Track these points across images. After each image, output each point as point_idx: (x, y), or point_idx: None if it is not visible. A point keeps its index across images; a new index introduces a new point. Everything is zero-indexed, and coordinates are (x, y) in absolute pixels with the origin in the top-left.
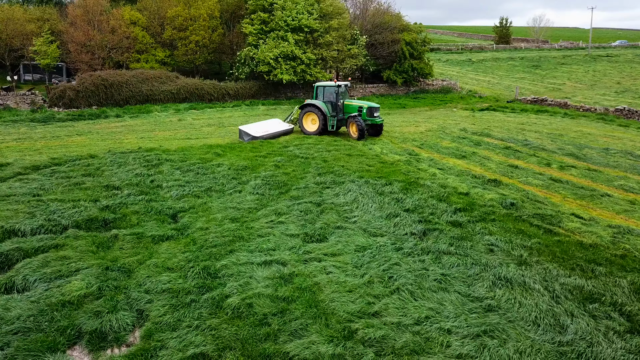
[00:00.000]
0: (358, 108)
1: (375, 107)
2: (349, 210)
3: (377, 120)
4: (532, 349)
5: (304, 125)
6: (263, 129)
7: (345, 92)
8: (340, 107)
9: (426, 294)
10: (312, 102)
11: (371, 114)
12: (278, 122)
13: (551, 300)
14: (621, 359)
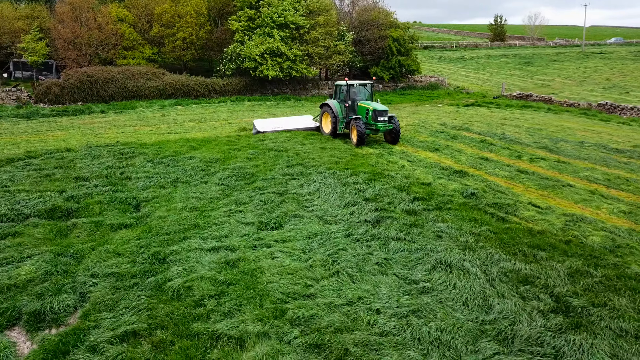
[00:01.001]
0: (365, 110)
1: (381, 109)
2: (309, 200)
3: (380, 125)
4: (454, 327)
5: (323, 125)
6: (275, 125)
7: (364, 92)
8: (354, 108)
9: (365, 277)
10: (329, 101)
11: (375, 117)
12: (304, 119)
13: (486, 283)
14: (536, 335)
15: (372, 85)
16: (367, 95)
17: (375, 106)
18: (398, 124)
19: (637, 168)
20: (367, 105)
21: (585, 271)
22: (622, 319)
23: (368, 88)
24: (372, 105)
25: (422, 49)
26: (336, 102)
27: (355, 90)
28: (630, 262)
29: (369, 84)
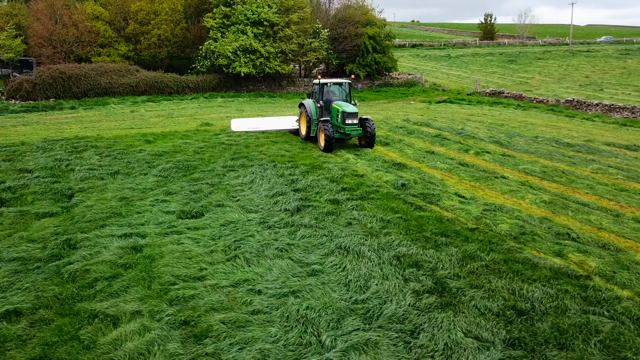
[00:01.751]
0: (336, 111)
1: (349, 111)
2: (239, 190)
3: (348, 129)
4: (325, 306)
5: (301, 126)
6: (253, 125)
7: (340, 91)
8: (330, 109)
9: (261, 261)
10: (305, 101)
11: (344, 120)
12: (286, 120)
13: (375, 266)
14: (402, 313)
15: (349, 85)
16: (344, 95)
17: (345, 108)
18: (373, 127)
19: (580, 161)
20: (337, 107)
21: (476, 255)
22: (492, 299)
23: (345, 87)
24: (342, 106)
25: (410, 47)
26: (312, 102)
27: (329, 89)
28: (525, 248)
29: (346, 82)
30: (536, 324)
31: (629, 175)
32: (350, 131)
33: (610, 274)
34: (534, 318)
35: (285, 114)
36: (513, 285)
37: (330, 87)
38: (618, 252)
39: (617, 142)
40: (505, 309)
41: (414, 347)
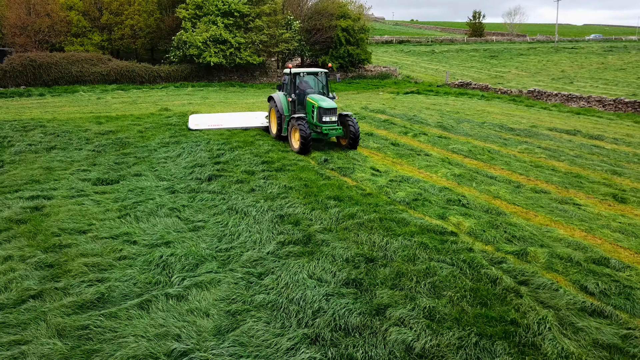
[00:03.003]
0: (312, 106)
1: (327, 107)
2: (162, 163)
3: (326, 128)
4: (188, 253)
5: (271, 123)
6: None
7: (316, 82)
8: (304, 104)
9: (150, 219)
10: (275, 94)
11: (320, 117)
12: (253, 116)
13: (256, 223)
14: (257, 258)
15: (326, 75)
16: (320, 87)
17: (321, 102)
18: (357, 125)
19: (512, 143)
20: (313, 101)
21: (356, 215)
22: (350, 249)
23: (321, 78)
24: (318, 101)
25: (397, 43)
26: (282, 95)
27: (302, 80)
28: (410, 211)
29: (322, 72)
30: (379, 269)
31: (551, 155)
32: (328, 130)
33: (479, 232)
34: (379, 264)
35: (251, 102)
36: (375, 238)
37: (303, 78)
38: (498, 215)
39: (560, 127)
40: (356, 257)
41: (255, 285)
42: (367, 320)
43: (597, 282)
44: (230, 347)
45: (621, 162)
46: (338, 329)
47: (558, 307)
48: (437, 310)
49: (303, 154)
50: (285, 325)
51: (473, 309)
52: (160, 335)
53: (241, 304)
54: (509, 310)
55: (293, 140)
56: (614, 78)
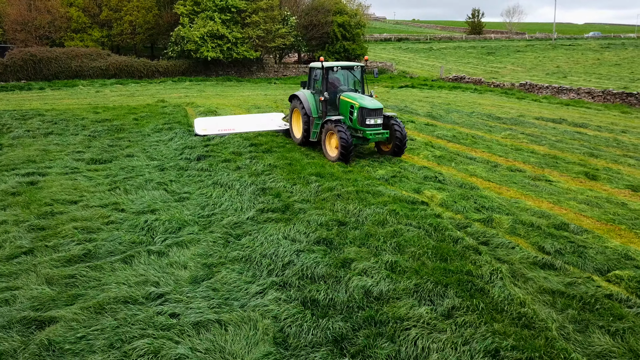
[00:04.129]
0: (350, 106)
1: (371, 107)
2: (154, 146)
3: (369, 132)
4: (172, 219)
5: (293, 126)
6: (224, 125)
7: (351, 79)
8: (336, 104)
9: (138, 191)
10: (300, 92)
11: (363, 119)
12: (269, 118)
13: (238, 195)
14: (235, 221)
15: (362, 69)
16: (353, 85)
17: (363, 102)
18: (403, 128)
19: (497, 130)
20: (351, 100)
21: (335, 188)
22: (325, 215)
23: (357, 73)
24: (358, 99)
25: (396, 40)
26: (309, 93)
27: (336, 76)
28: (387, 185)
29: (358, 66)
30: (350, 231)
31: (533, 140)
32: (373, 135)
33: (450, 203)
34: (350, 227)
35: (246, 95)
36: (350, 207)
37: (336, 73)
38: (471, 190)
39: (547, 117)
40: (330, 222)
41: (232, 244)
42: (333, 271)
43: (554, 242)
44: (204, 291)
45: (600, 147)
46: (305, 278)
47: (512, 262)
48: (398, 264)
49: (343, 160)
50: (256, 275)
51: (433, 263)
52: (140, 283)
53: (217, 258)
54: (466, 264)
55: (328, 148)
56: (607, 73)
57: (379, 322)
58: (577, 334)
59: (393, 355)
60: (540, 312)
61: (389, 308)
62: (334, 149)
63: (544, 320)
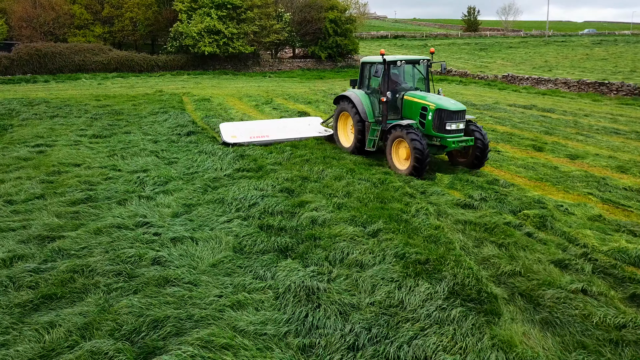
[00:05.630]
0: (421, 108)
1: (454, 109)
2: (150, 125)
3: (450, 139)
4: (161, 175)
5: (339, 133)
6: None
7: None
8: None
9: (133, 158)
10: (350, 92)
11: (441, 124)
12: (305, 123)
13: (219, 160)
14: (214, 177)
15: (428, 64)
16: (415, 82)
17: (442, 102)
18: (485, 134)
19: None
20: (422, 101)
21: (305, 155)
22: (291, 173)
23: (422, 69)
24: (432, 99)
25: (392, 38)
26: (362, 93)
27: (398, 72)
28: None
29: (425, 60)
30: (310, 183)
31: (498, 121)
32: (454, 142)
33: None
34: (311, 180)
35: (240, 86)
36: (315, 168)
37: (399, 68)
38: None
39: (520, 104)
40: (295, 177)
41: (209, 192)
42: (290, 208)
43: (481, 192)
44: (182, 221)
45: (558, 127)
46: (266, 213)
47: (439, 204)
48: (344, 204)
49: (418, 174)
50: (226, 211)
51: (373, 204)
52: (131, 216)
53: (195, 200)
54: (400, 205)
55: (395, 159)
56: (592, 67)
57: (318, 238)
58: (474, 248)
59: (324, 257)
60: (449, 234)
61: (327, 229)
62: (403, 161)
63: (450, 239)
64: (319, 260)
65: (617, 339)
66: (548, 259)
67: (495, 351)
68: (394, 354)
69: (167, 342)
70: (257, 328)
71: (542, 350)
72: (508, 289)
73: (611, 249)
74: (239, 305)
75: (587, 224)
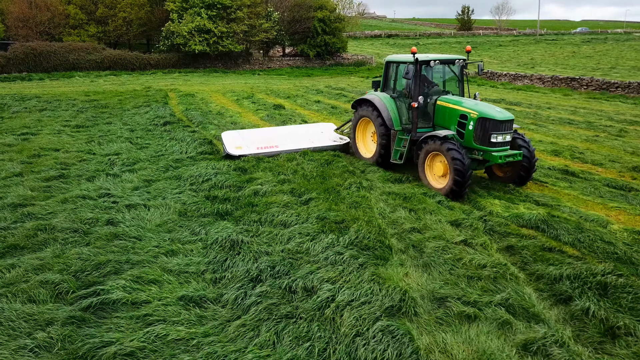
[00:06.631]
0: (460, 116)
1: (502, 119)
2: (131, 116)
3: (496, 153)
4: (130, 156)
5: (359, 142)
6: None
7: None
8: (428, 111)
9: (109, 144)
10: (372, 95)
11: (486, 135)
12: (317, 130)
13: (185, 145)
14: (177, 158)
15: (463, 65)
16: (450, 85)
17: (486, 110)
18: (533, 148)
19: None
20: (461, 107)
21: None
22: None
23: (456, 69)
24: (473, 106)
25: (386, 37)
26: (387, 97)
27: (430, 73)
28: None
29: (460, 60)
30: (263, 163)
31: None
32: (501, 157)
33: None
34: (265, 161)
35: (227, 83)
36: None
37: (432, 70)
38: None
39: (491, 97)
40: (251, 159)
41: (170, 170)
42: (238, 183)
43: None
44: (140, 193)
45: (517, 118)
46: (215, 187)
47: (373, 180)
48: (288, 180)
49: (456, 197)
50: (180, 185)
51: (314, 180)
52: (96, 189)
53: (155, 177)
54: (339, 180)
55: (429, 175)
56: (575, 64)
57: (255, 205)
58: (390, 213)
59: (257, 219)
60: (372, 202)
61: (265, 199)
62: (439, 178)
63: (371, 205)
64: (250, 222)
65: (474, 275)
66: (447, 220)
67: (370, 283)
68: (287, 285)
69: (105, 279)
70: (181, 268)
71: (416, 285)
72: (405, 242)
73: (510, 215)
74: (172, 253)
75: (499, 195)
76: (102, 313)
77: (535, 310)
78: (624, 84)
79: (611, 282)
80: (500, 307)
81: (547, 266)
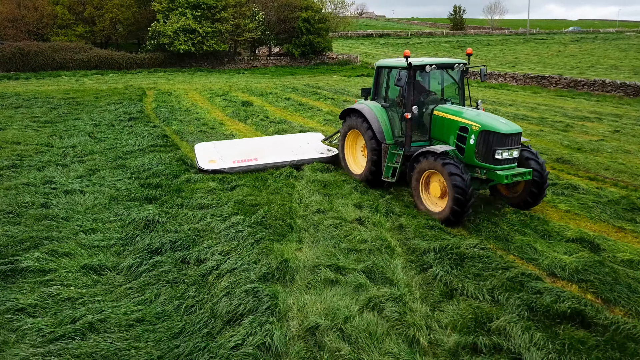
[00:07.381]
0: (459, 128)
1: (506, 132)
2: (100, 113)
3: (501, 172)
4: (88, 150)
5: (347, 156)
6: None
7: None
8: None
9: (69, 138)
10: (361, 104)
11: (490, 151)
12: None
13: (141, 138)
14: (138, 148)
15: (463, 69)
16: (448, 92)
17: (490, 122)
18: (543, 162)
19: None
20: (461, 119)
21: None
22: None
23: (456, 75)
24: (474, 117)
25: (377, 37)
26: (377, 106)
27: (426, 79)
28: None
29: (460, 65)
30: None
31: None
32: (507, 177)
33: None
34: None
35: (208, 82)
36: None
37: (428, 75)
38: None
39: None
40: None
41: (118, 160)
42: (175, 173)
43: None
44: (82, 180)
45: None
46: (153, 176)
47: (304, 169)
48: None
49: (456, 221)
50: (121, 174)
51: (266, 192)
52: (42, 178)
53: (101, 167)
54: (289, 191)
55: (425, 196)
56: (557, 63)
57: (182, 191)
58: (307, 198)
59: (179, 203)
60: (295, 189)
61: (193, 185)
62: (436, 200)
63: (292, 191)
64: (173, 205)
65: (353, 248)
66: (353, 202)
67: (259, 255)
68: (181, 256)
69: (24, 252)
70: (94, 243)
71: (304, 257)
72: (309, 222)
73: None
74: (91, 231)
75: None
76: (11, 279)
77: (391, 277)
78: (589, 82)
79: (469, 254)
80: (361, 273)
81: (423, 241)
